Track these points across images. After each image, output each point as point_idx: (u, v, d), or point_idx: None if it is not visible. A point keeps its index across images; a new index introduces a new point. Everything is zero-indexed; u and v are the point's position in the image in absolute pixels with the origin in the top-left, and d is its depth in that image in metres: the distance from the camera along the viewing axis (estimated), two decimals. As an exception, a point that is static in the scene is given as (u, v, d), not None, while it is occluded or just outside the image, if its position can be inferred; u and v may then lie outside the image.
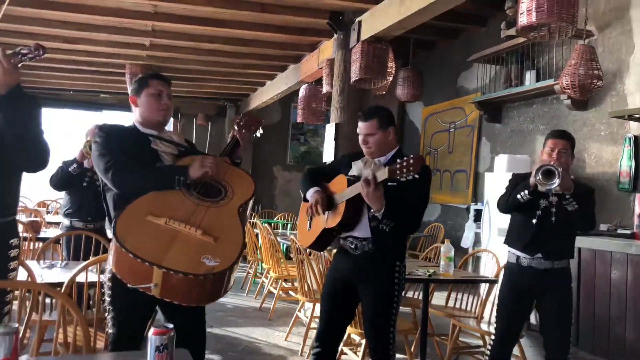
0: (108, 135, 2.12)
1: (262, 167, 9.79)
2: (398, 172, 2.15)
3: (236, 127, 2.41)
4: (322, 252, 3.47)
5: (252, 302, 5.72)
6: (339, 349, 2.65)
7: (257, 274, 6.31)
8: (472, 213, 6.79)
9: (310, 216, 2.60)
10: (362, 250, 2.48)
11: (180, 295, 1.78)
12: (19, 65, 1.74)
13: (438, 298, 4.73)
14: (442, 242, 4.50)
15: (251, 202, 2.14)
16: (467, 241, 6.92)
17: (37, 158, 1.84)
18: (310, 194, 2.53)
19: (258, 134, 2.50)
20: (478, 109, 7.42)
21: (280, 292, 5.02)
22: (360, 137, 2.53)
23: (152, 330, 1.36)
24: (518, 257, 2.91)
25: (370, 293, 2.50)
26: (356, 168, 2.53)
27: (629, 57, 5.55)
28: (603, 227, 5.55)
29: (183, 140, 2.28)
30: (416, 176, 2.13)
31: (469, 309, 3.93)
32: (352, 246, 2.50)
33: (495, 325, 2.96)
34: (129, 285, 1.81)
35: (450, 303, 4.12)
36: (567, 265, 2.91)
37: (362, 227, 2.46)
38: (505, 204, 2.92)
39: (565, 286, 2.88)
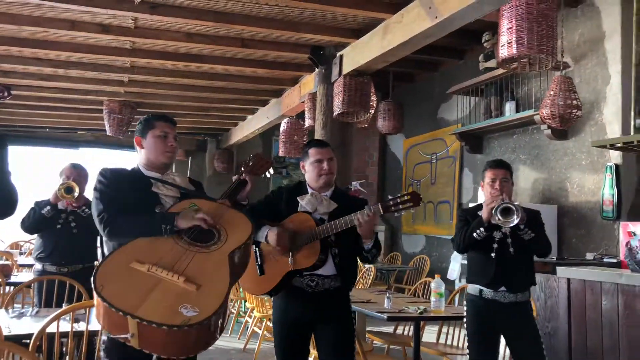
0: (108, 181, 2.11)
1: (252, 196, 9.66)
2: (393, 208, 2.24)
3: (242, 169, 2.39)
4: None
5: (235, 343, 5.51)
6: None
7: (241, 313, 6.11)
8: (457, 244, 6.73)
9: (261, 260, 2.49)
10: (322, 288, 2.43)
11: (158, 347, 1.68)
12: None
13: (429, 333, 4.60)
14: (430, 276, 4.43)
15: (248, 244, 2.04)
16: (453, 273, 6.83)
17: (3, 205, 1.71)
18: (266, 234, 2.41)
19: (268, 175, 2.51)
20: (459, 140, 7.47)
21: (265, 332, 4.84)
22: (324, 163, 2.52)
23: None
24: (481, 290, 2.91)
25: (331, 332, 2.45)
26: (307, 204, 2.49)
27: (606, 87, 5.64)
28: (589, 255, 5.54)
29: (187, 182, 2.27)
30: (411, 211, 2.22)
31: (460, 345, 3.81)
32: (313, 284, 2.43)
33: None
34: (109, 335, 1.74)
35: (442, 339, 4.01)
36: (529, 297, 2.94)
37: (326, 264, 2.44)
38: (462, 244, 2.92)
39: (530, 320, 2.90)
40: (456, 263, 6.83)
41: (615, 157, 5.47)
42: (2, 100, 1.69)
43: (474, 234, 2.82)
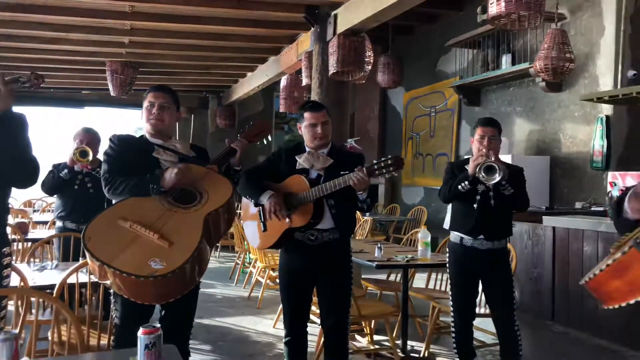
0: (115, 146, 2.37)
1: (247, 157, 9.79)
2: (377, 172, 2.40)
3: (239, 136, 2.57)
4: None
5: (240, 291, 5.86)
6: (307, 333, 2.81)
7: (246, 263, 6.45)
8: (453, 196, 6.96)
9: (264, 217, 2.69)
10: (322, 241, 2.64)
11: (130, 293, 1.97)
12: (14, 92, 1.86)
13: (420, 280, 4.90)
14: (428, 225, 4.69)
15: (227, 206, 2.22)
16: (448, 223, 7.09)
17: (27, 175, 1.96)
18: (266, 199, 2.59)
19: (265, 142, 2.70)
20: (457, 93, 7.57)
21: (268, 281, 5.16)
22: (317, 127, 2.65)
23: (141, 330, 1.49)
24: (462, 238, 3.13)
25: (331, 280, 2.68)
26: (305, 161, 2.66)
27: (600, 39, 5.69)
28: (578, 204, 5.75)
29: (187, 148, 2.47)
30: (395, 174, 2.39)
31: (448, 290, 4.09)
32: (313, 238, 2.63)
33: (452, 303, 3.18)
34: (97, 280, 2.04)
35: (431, 285, 4.29)
36: (506, 245, 3.17)
37: (324, 219, 2.62)
38: (447, 194, 3.12)
39: (505, 266, 3.13)
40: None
41: (606, 109, 5.59)
42: (36, 87, 1.92)
43: (459, 187, 3.01)
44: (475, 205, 3.04)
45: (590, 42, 5.79)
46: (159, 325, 1.52)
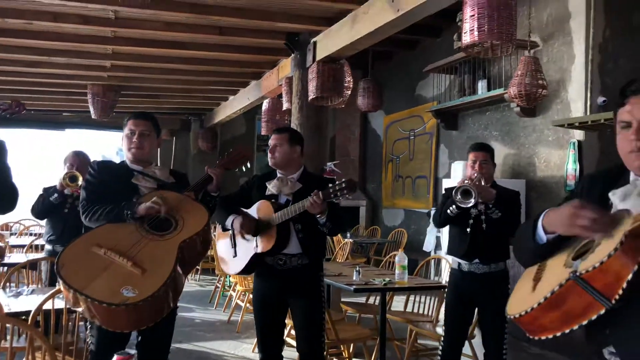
0: (95, 172, 2.40)
1: (230, 181, 9.88)
2: (332, 195, 2.46)
3: (217, 162, 2.62)
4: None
5: (220, 315, 5.83)
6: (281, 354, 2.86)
7: (226, 287, 6.43)
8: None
9: (234, 243, 2.75)
10: (291, 265, 2.69)
11: (103, 320, 1.98)
12: None
13: (400, 302, 4.94)
14: (407, 248, 4.75)
15: (202, 233, 2.24)
16: (429, 245, 7.18)
17: (6, 201, 1.98)
18: (231, 221, 2.66)
19: (244, 168, 2.76)
20: (435, 117, 7.72)
21: (248, 304, 5.15)
22: (270, 148, 2.78)
23: (115, 357, 1.51)
24: (459, 263, 3.17)
25: (301, 304, 2.72)
26: (273, 187, 2.73)
27: (571, 66, 5.89)
28: (553, 227, 5.87)
29: (167, 174, 2.50)
30: (348, 197, 2.44)
31: (426, 312, 4.14)
32: (281, 262, 2.69)
33: (444, 327, 3.19)
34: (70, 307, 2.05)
35: (410, 307, 4.34)
36: (504, 267, 3.19)
37: (291, 244, 2.68)
38: (439, 219, 3.20)
39: (503, 289, 3.15)
40: (432, 236, 7.17)
41: (578, 134, 5.75)
42: (17, 114, 1.95)
43: (448, 211, 3.08)
44: (468, 230, 3.10)
45: (561, 69, 5.99)
46: (134, 352, 1.54)
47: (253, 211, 2.73)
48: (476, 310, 3.24)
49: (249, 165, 2.75)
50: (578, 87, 5.77)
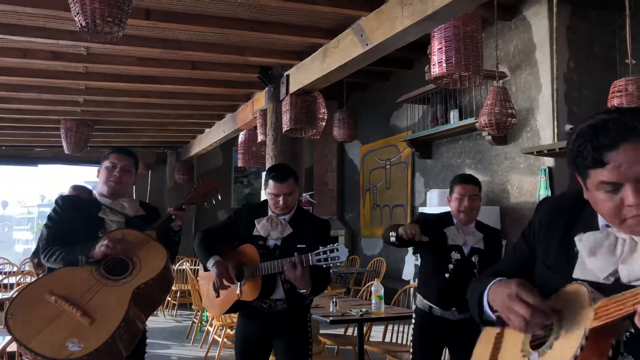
0: (59, 208, 2.34)
1: (207, 212, 9.82)
2: (323, 261, 2.34)
3: (184, 198, 2.49)
4: None
5: (197, 351, 5.70)
6: None
7: (203, 322, 6.30)
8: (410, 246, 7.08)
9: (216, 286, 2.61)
10: (276, 309, 2.56)
11: None
12: None
13: (377, 332, 4.90)
14: (386, 277, 4.73)
15: (159, 278, 2.15)
16: (408, 273, 7.18)
17: None
18: (212, 265, 2.47)
19: (214, 201, 2.63)
20: (410, 146, 7.83)
21: (225, 339, 5.05)
22: (279, 198, 2.53)
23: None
24: (431, 307, 2.87)
25: (286, 347, 2.61)
26: (262, 228, 2.55)
27: (538, 95, 6.07)
28: (528, 253, 5.94)
29: (136, 207, 2.44)
30: (339, 263, 2.31)
31: (404, 342, 4.11)
32: (265, 306, 2.56)
33: None
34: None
35: (388, 337, 4.30)
36: None
37: (276, 291, 2.54)
38: (386, 235, 2.82)
39: (476, 334, 3.04)
40: (410, 264, 7.19)
41: (548, 160, 5.89)
42: None
43: (390, 234, 2.71)
44: (447, 275, 2.79)
45: (530, 98, 6.16)
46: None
47: (238, 253, 2.58)
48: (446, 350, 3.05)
49: (219, 197, 2.69)
50: (546, 116, 5.94)
